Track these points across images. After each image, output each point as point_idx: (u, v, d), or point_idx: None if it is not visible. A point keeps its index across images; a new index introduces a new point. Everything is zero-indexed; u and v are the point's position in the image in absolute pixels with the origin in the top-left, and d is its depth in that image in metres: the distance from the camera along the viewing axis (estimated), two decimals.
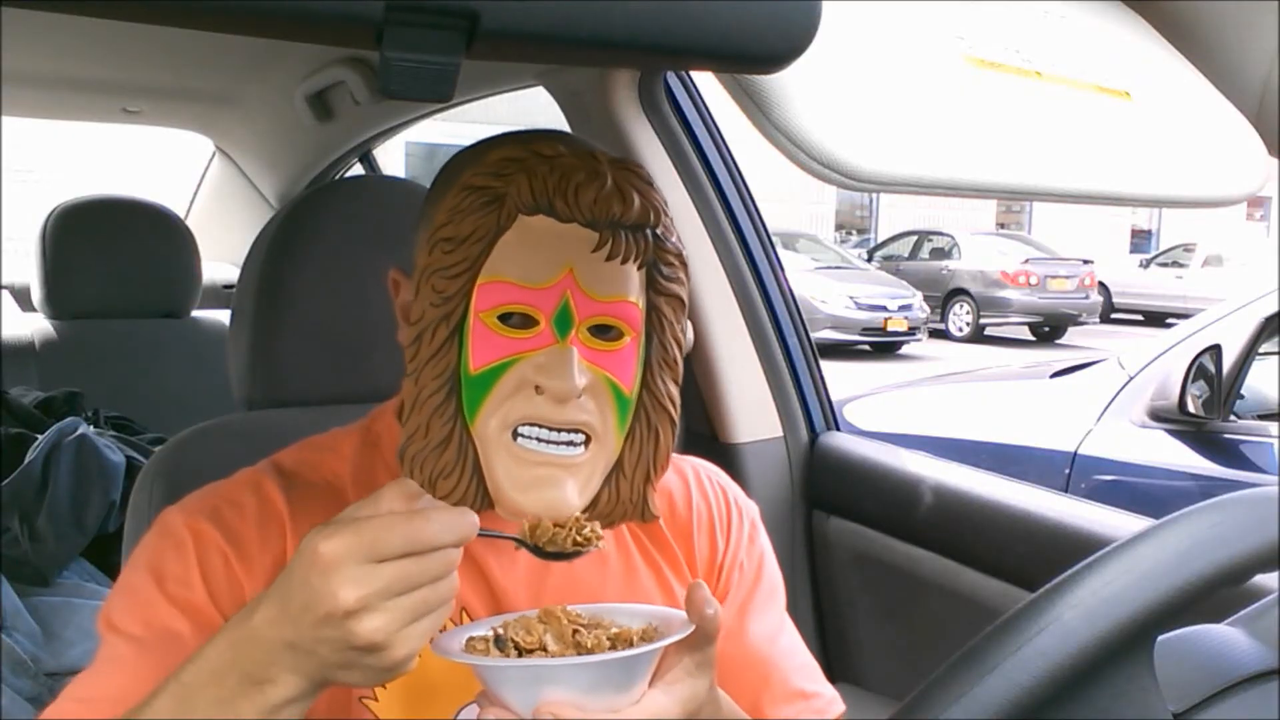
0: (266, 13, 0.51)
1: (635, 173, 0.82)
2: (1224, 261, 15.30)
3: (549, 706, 0.68)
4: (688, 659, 0.74)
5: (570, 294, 0.79)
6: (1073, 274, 14.24)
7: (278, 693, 0.66)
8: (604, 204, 0.78)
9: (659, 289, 0.83)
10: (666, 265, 0.83)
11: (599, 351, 0.80)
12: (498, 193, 0.79)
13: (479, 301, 0.79)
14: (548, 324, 0.79)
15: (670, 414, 0.84)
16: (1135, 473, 3.00)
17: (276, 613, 0.66)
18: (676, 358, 0.85)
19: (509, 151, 0.81)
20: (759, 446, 1.72)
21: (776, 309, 1.75)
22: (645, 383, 0.83)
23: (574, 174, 0.79)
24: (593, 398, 0.79)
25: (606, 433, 0.80)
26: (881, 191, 0.65)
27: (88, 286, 2.21)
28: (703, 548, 0.95)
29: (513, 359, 0.78)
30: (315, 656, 0.65)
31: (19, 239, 3.02)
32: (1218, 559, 0.61)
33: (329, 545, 0.64)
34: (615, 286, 0.80)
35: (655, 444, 0.83)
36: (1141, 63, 0.86)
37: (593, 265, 0.79)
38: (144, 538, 0.84)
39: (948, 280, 14.45)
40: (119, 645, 0.77)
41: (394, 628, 0.64)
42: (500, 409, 0.78)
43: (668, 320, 0.84)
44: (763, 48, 0.57)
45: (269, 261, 1.11)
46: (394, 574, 0.64)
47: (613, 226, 0.79)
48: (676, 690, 0.73)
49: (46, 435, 1.75)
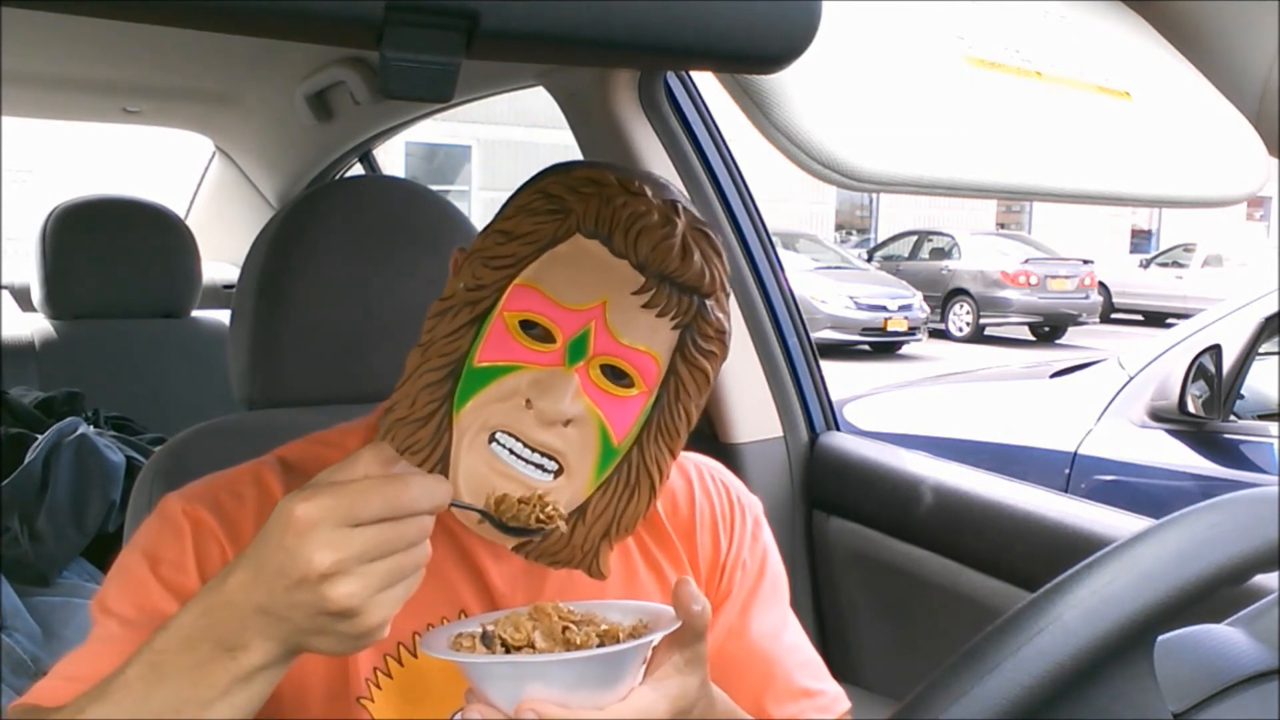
0: (266, 13, 0.51)
1: (710, 239, 0.82)
2: (1224, 261, 15.30)
3: (531, 704, 0.68)
4: (677, 656, 0.73)
5: (594, 325, 0.78)
6: (1073, 274, 14.24)
7: (250, 659, 0.66)
8: (662, 252, 0.78)
9: (687, 357, 0.82)
10: (704, 336, 0.82)
11: (602, 391, 0.79)
12: (567, 205, 0.80)
13: (509, 301, 0.79)
14: (562, 346, 0.78)
15: (654, 481, 0.82)
16: (1135, 473, 3.00)
17: (250, 577, 0.65)
18: (680, 431, 0.83)
19: (595, 174, 0.81)
20: (759, 446, 1.72)
21: (776, 309, 1.75)
22: (639, 440, 0.82)
23: (645, 215, 0.78)
24: (578, 433, 0.79)
25: (580, 472, 0.79)
26: (881, 191, 0.65)
27: (88, 286, 2.21)
28: (706, 546, 0.95)
29: (516, 365, 0.78)
30: (288, 622, 0.65)
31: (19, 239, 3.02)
32: (1218, 559, 0.61)
33: (305, 508, 0.63)
34: (642, 335, 0.79)
35: (628, 503, 0.82)
36: (1141, 63, 0.86)
37: (627, 307, 0.78)
38: (143, 522, 0.84)
39: (948, 280, 14.46)
40: (111, 626, 0.77)
41: (367, 593, 0.63)
42: (486, 409, 0.78)
43: (685, 390, 0.83)
44: (763, 48, 0.57)
45: (269, 261, 1.11)
46: (369, 539, 0.63)
47: (661, 277, 0.79)
48: (665, 687, 0.72)
49: (46, 435, 1.75)
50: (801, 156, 0.60)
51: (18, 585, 1.66)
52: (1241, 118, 0.87)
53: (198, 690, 0.66)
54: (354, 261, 1.11)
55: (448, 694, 0.83)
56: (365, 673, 0.83)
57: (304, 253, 1.11)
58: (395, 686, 0.83)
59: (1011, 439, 3.25)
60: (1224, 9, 0.91)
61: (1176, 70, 0.89)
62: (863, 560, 1.65)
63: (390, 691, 0.83)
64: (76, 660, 0.77)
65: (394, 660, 0.84)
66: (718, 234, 0.83)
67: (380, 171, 2.97)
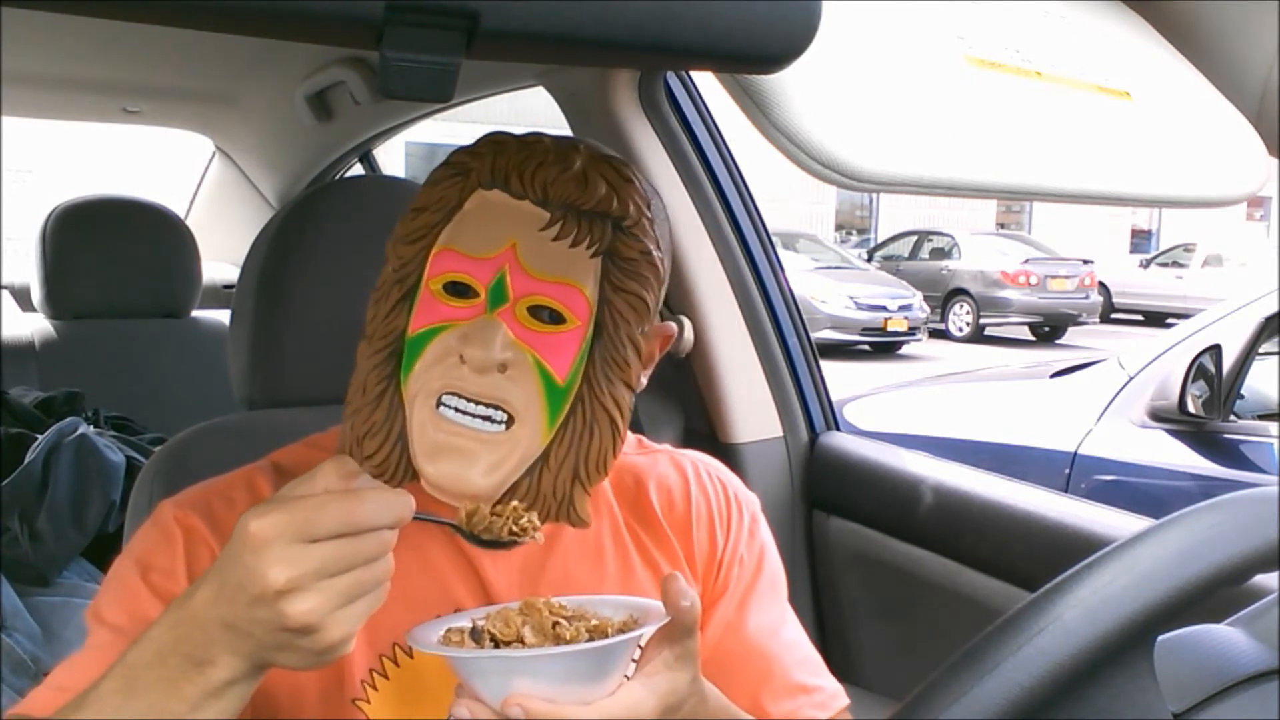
0: (266, 13, 0.51)
1: (615, 166, 0.82)
2: (1224, 261, 15.30)
3: (517, 698, 0.67)
4: (667, 651, 0.73)
5: (508, 267, 0.79)
6: (1073, 274, 14.24)
7: (217, 674, 0.65)
8: (561, 185, 0.80)
9: (615, 283, 0.82)
10: (627, 260, 0.82)
11: (533, 332, 0.80)
12: (466, 167, 0.82)
13: (430, 269, 0.81)
14: (484, 295, 0.80)
15: (612, 417, 0.82)
16: (1135, 473, 3.00)
17: (214, 592, 0.64)
18: (628, 359, 0.83)
19: (495, 136, 0.84)
20: (759, 446, 1.72)
21: (776, 309, 1.75)
22: (586, 376, 0.82)
23: (538, 155, 0.80)
24: (518, 377, 0.79)
25: (531, 417, 0.79)
26: (881, 191, 0.65)
27: (88, 286, 2.21)
28: (702, 543, 0.94)
29: (443, 325, 0.80)
30: (251, 638, 0.64)
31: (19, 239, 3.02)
32: (1218, 559, 0.61)
33: (260, 524, 0.62)
34: (560, 269, 0.80)
35: (589, 442, 0.82)
36: (1141, 63, 0.86)
37: (538, 243, 0.80)
38: (138, 530, 0.84)
39: (948, 280, 14.45)
40: (103, 634, 0.78)
41: (326, 609, 0.62)
42: (426, 374, 0.79)
43: (622, 318, 0.83)
44: (763, 48, 0.58)
45: (269, 261, 1.11)
46: (326, 555, 0.62)
47: (566, 208, 0.80)
48: (654, 683, 0.72)
49: (46, 435, 1.75)
50: (801, 156, 0.60)
51: (18, 585, 1.66)
52: (1241, 118, 0.87)
53: (169, 704, 0.65)
54: (354, 261, 1.11)
55: (444, 695, 0.82)
56: (361, 674, 0.83)
57: (304, 253, 1.11)
58: (391, 688, 0.83)
59: (1011, 439, 3.25)
60: (1224, 9, 0.91)
61: (1176, 70, 0.89)
62: (863, 560, 1.65)
63: (386, 693, 0.83)
64: (68, 669, 0.77)
65: (390, 661, 0.83)
66: (629, 166, 0.84)
67: (380, 171, 2.97)
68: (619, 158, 0.84)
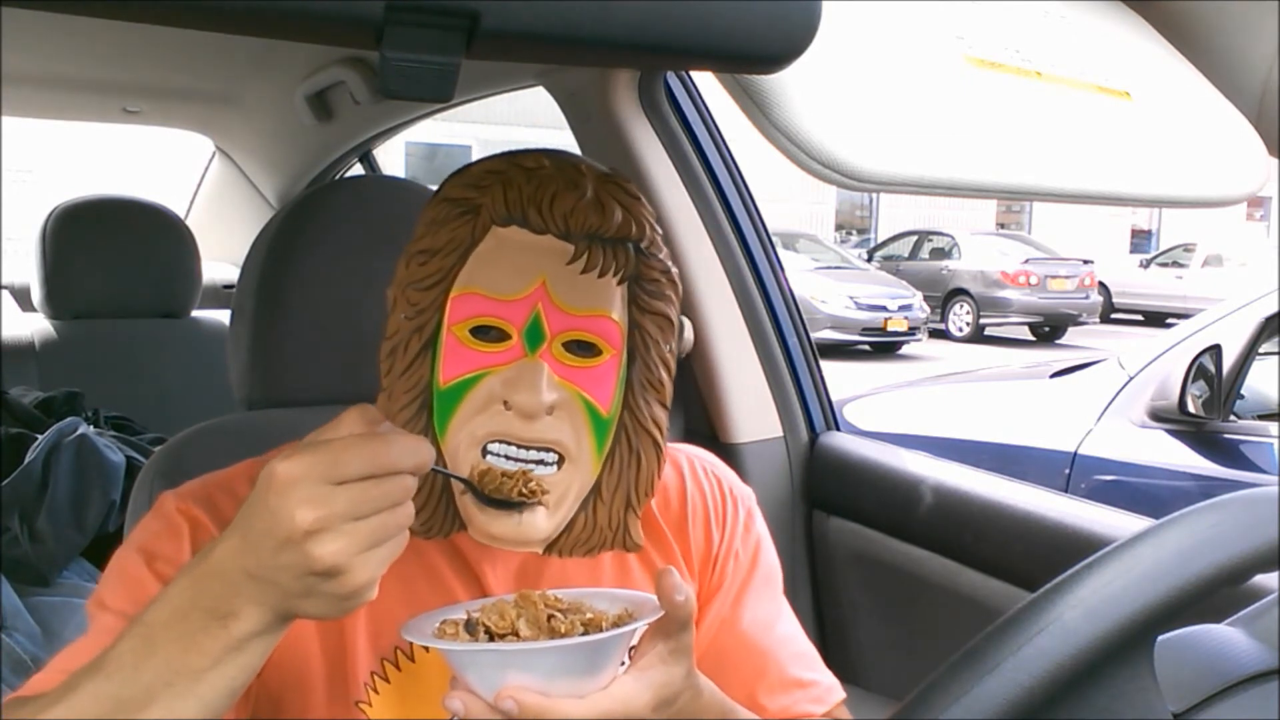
0: (266, 13, 0.51)
1: (621, 185, 0.81)
2: (1224, 261, 15.30)
3: (510, 690, 0.67)
4: (661, 645, 0.73)
5: (542, 306, 0.78)
6: (1073, 274, 14.24)
7: (240, 626, 0.64)
8: (580, 215, 0.78)
9: (643, 306, 0.82)
10: (651, 282, 0.82)
11: (573, 368, 0.79)
12: (474, 204, 0.79)
13: (451, 314, 0.79)
14: (519, 338, 0.78)
15: (654, 438, 0.82)
16: (1135, 473, 3.00)
17: (238, 542, 0.64)
18: (663, 379, 0.83)
19: (491, 165, 0.81)
20: (759, 446, 1.72)
21: (776, 309, 1.75)
22: (626, 404, 0.82)
23: (550, 184, 0.78)
24: (566, 416, 0.78)
25: (581, 454, 0.79)
26: (881, 191, 0.65)
27: (88, 286, 2.21)
28: (698, 540, 0.94)
29: (482, 373, 0.78)
30: (276, 586, 0.64)
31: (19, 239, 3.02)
32: (1218, 559, 0.61)
33: (286, 466, 0.62)
34: (591, 300, 0.79)
35: (637, 469, 0.82)
36: (1141, 63, 0.86)
37: (567, 278, 0.78)
38: (140, 521, 0.84)
39: (948, 280, 14.45)
40: (106, 620, 0.77)
41: (352, 550, 0.62)
42: (469, 424, 0.78)
43: (652, 339, 0.83)
44: (763, 48, 0.57)
45: (269, 261, 1.11)
46: (352, 496, 0.62)
47: (589, 239, 0.78)
48: (649, 676, 0.71)
49: (46, 435, 1.75)
50: (801, 156, 0.60)
51: (18, 585, 1.66)
52: (1241, 118, 0.87)
53: (189, 659, 0.65)
54: (354, 261, 1.11)
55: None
56: (363, 676, 0.83)
57: (304, 253, 1.11)
58: (393, 690, 0.83)
59: (1011, 439, 3.25)
60: (1224, 9, 0.91)
61: (1176, 70, 0.89)
62: (863, 560, 1.65)
63: (388, 695, 0.83)
64: (72, 654, 0.77)
65: (391, 665, 0.83)
66: (631, 182, 0.83)
67: (380, 171, 2.97)
68: (620, 174, 0.83)
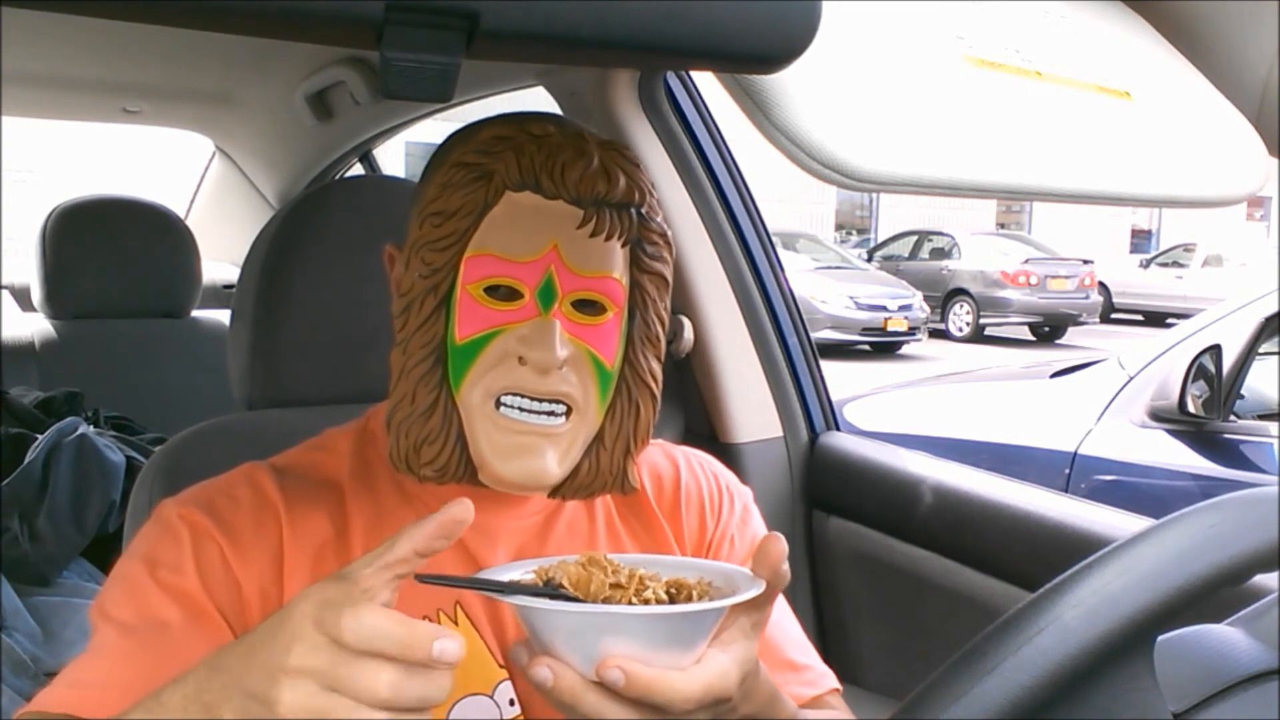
0: (266, 13, 0.51)
1: (622, 153, 0.85)
2: (1224, 261, 15.30)
3: (616, 660, 0.62)
4: (744, 619, 0.71)
5: (554, 268, 0.81)
6: (1073, 274, 14.24)
7: None
8: (589, 182, 0.81)
9: (643, 266, 0.86)
10: (650, 244, 0.86)
11: (581, 325, 0.82)
12: (486, 169, 0.82)
13: (466, 274, 0.82)
14: (532, 297, 0.81)
15: (651, 389, 0.87)
16: (1135, 473, 3.00)
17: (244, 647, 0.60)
18: (659, 334, 0.88)
19: (499, 130, 0.83)
20: (759, 446, 1.72)
21: (776, 309, 1.75)
22: (627, 358, 0.86)
23: (561, 152, 0.81)
24: (574, 370, 0.82)
25: (588, 405, 0.83)
26: (881, 191, 0.65)
27: (88, 286, 2.21)
28: (692, 526, 0.95)
29: (497, 330, 0.81)
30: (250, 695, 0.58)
31: (19, 239, 3.02)
32: (1217, 559, 0.61)
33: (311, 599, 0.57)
34: (599, 263, 0.83)
35: (636, 417, 0.86)
36: (1141, 63, 0.86)
37: (577, 241, 0.82)
38: (141, 529, 0.84)
39: (948, 280, 14.45)
40: (110, 632, 0.77)
41: (314, 709, 0.55)
42: (484, 378, 0.81)
43: (651, 298, 0.87)
44: (763, 48, 0.57)
45: (269, 261, 1.11)
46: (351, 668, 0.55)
47: (597, 204, 0.82)
48: (733, 650, 0.69)
49: (46, 435, 1.75)
50: (801, 156, 0.60)
51: (18, 585, 1.66)
52: (1241, 118, 0.87)
53: None
54: (354, 261, 1.11)
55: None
56: None
57: (304, 253, 1.11)
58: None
59: (1011, 439, 3.25)
60: (1224, 9, 0.91)
61: (1176, 70, 0.89)
62: (863, 560, 1.65)
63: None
64: (78, 668, 0.77)
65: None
66: (629, 149, 0.86)
67: (380, 171, 2.97)
68: (619, 142, 0.87)
